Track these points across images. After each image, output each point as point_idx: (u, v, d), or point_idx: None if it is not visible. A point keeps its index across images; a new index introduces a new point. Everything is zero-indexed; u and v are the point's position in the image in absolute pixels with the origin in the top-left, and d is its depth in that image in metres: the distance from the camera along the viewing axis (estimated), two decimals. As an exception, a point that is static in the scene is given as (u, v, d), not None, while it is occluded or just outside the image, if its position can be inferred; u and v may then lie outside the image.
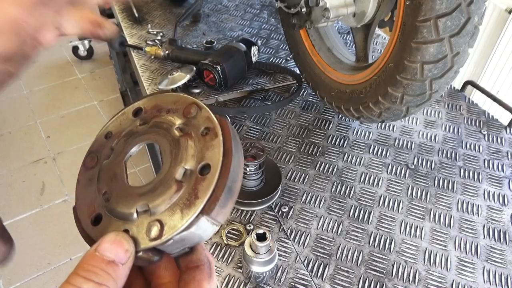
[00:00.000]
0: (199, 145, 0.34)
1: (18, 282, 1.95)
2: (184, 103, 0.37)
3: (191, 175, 0.32)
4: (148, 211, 0.32)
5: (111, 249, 0.29)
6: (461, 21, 0.67)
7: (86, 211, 0.34)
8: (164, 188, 0.32)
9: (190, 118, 0.35)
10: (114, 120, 0.39)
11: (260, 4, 1.57)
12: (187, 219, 0.30)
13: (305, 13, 0.92)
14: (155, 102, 0.38)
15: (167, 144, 0.34)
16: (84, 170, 0.37)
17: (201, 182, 0.32)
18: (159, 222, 0.31)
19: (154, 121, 0.36)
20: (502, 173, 0.93)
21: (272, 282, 0.72)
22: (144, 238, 0.31)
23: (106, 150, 0.37)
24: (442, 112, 1.10)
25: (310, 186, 0.89)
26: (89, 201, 0.35)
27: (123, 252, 0.29)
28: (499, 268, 0.75)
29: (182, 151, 0.33)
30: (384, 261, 0.76)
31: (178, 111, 0.36)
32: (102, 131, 0.39)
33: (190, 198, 0.31)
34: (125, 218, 0.32)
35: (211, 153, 0.33)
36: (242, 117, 1.06)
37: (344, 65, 1.01)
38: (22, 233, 2.15)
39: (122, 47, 1.27)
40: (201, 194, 0.31)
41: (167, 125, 0.35)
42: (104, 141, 0.38)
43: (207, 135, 0.34)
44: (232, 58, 1.10)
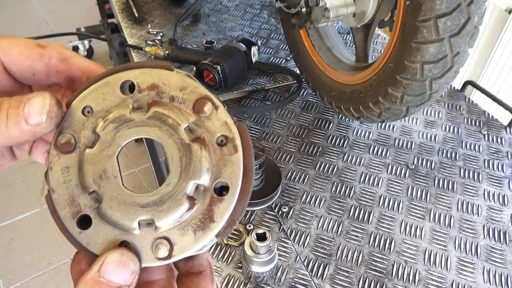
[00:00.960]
0: (215, 157, 0.29)
1: (18, 282, 1.95)
2: (193, 94, 0.30)
3: (205, 192, 0.29)
4: (153, 225, 0.29)
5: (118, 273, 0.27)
6: (461, 21, 0.67)
7: (67, 208, 0.29)
8: (173, 203, 0.29)
9: (203, 118, 0.30)
10: (94, 91, 0.31)
11: (260, 4, 1.57)
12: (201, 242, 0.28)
13: (305, 13, 0.92)
14: (152, 81, 0.31)
15: (175, 148, 0.29)
16: (57, 153, 0.30)
17: (217, 203, 0.29)
18: (167, 240, 0.28)
19: (154, 110, 0.30)
20: (502, 173, 0.93)
21: (272, 282, 0.72)
22: (150, 256, 0.29)
23: (87, 133, 0.30)
24: (442, 112, 1.10)
25: (310, 186, 0.89)
26: (69, 196, 0.29)
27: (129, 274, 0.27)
28: (499, 268, 0.75)
29: (195, 162, 0.29)
30: (384, 261, 0.76)
31: (186, 103, 0.30)
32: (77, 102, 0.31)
33: (205, 220, 0.29)
34: (123, 228, 0.29)
35: (229, 171, 0.29)
36: (242, 117, 1.06)
37: (344, 65, 1.01)
38: (22, 233, 2.15)
39: (122, 47, 1.27)
40: (217, 217, 0.28)
41: (174, 122, 0.30)
42: (82, 118, 0.30)
43: (224, 146, 0.30)
44: (232, 58, 1.10)
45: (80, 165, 0.30)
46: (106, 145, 0.30)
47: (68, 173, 0.30)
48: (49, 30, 3.71)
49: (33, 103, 0.27)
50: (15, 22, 3.81)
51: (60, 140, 0.30)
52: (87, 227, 0.29)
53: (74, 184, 0.30)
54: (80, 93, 0.31)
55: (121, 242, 0.29)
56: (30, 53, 0.31)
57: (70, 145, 0.30)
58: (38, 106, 0.27)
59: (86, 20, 3.59)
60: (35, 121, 0.27)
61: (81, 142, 0.30)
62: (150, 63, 0.31)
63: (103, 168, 0.29)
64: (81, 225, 0.29)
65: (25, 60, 0.31)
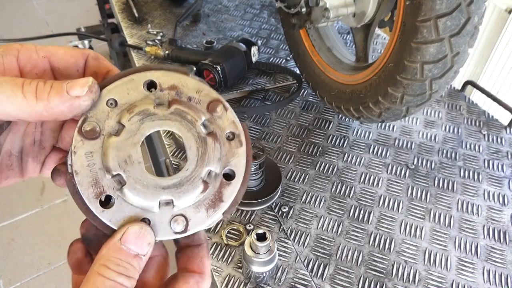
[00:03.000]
0: (224, 149, 0.35)
1: (18, 282, 1.95)
2: (207, 96, 0.36)
3: (216, 177, 0.35)
4: (171, 204, 0.33)
5: (136, 243, 0.31)
6: (461, 21, 0.67)
7: (90, 189, 0.32)
8: (191, 186, 0.33)
9: (216, 117, 0.36)
10: (119, 86, 0.34)
11: (260, 4, 1.57)
12: (212, 218, 0.34)
13: (305, 13, 0.92)
14: (172, 82, 0.35)
15: (192, 140, 0.34)
16: (81, 139, 0.33)
17: (226, 186, 0.35)
18: (184, 217, 0.33)
19: (176, 107, 0.34)
20: (502, 173, 0.93)
21: (272, 282, 0.72)
22: (167, 230, 0.33)
23: (112, 123, 0.33)
24: (442, 112, 1.10)
25: (310, 186, 0.89)
26: (93, 179, 0.32)
27: (146, 245, 0.31)
28: (499, 268, 0.75)
29: (210, 152, 0.34)
30: (384, 261, 0.76)
31: (202, 103, 0.35)
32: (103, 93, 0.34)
33: (215, 200, 0.34)
34: (144, 207, 0.33)
35: (236, 161, 0.35)
36: (242, 117, 1.06)
37: (344, 65, 1.01)
38: (22, 233, 2.15)
39: (122, 47, 1.27)
40: (225, 198, 0.34)
41: (192, 118, 0.35)
42: (106, 109, 0.34)
43: (232, 140, 0.36)
44: (232, 58, 1.10)
45: (105, 151, 0.33)
46: (131, 134, 0.33)
47: (92, 157, 0.33)
48: (49, 30, 3.71)
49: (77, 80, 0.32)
50: (15, 22, 3.80)
51: (85, 127, 0.33)
52: (110, 206, 0.33)
53: (98, 167, 0.33)
54: (105, 86, 0.34)
55: (142, 219, 0.33)
56: (74, 53, 0.36)
57: (94, 132, 0.33)
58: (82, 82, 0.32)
59: (86, 20, 3.59)
60: (76, 93, 0.31)
61: (105, 130, 0.33)
62: (170, 66, 0.36)
63: (128, 154, 0.33)
64: (103, 205, 0.33)
65: (70, 58, 0.36)
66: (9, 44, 0.34)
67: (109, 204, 0.33)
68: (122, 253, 0.30)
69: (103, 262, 0.30)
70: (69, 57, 0.36)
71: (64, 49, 0.36)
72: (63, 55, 0.36)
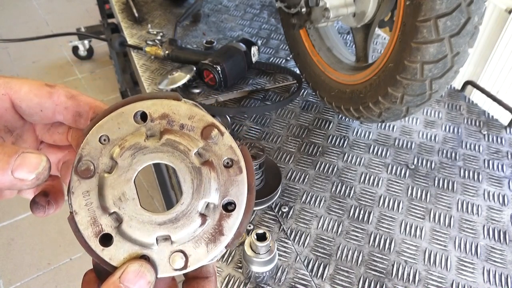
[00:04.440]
0: (222, 178, 0.33)
1: (18, 282, 1.95)
2: (201, 122, 0.33)
3: (215, 209, 0.33)
4: (169, 240, 0.32)
5: (135, 281, 0.30)
6: (461, 21, 0.67)
7: (90, 228, 0.32)
8: (187, 221, 0.32)
9: (211, 144, 0.33)
10: (109, 121, 0.33)
11: (260, 4, 1.57)
12: (213, 254, 0.32)
13: (305, 13, 0.92)
14: (163, 111, 0.33)
15: (186, 172, 0.33)
16: (77, 178, 0.33)
17: (226, 218, 0.33)
18: (183, 253, 0.32)
19: (167, 137, 0.33)
20: (502, 173, 0.93)
21: (272, 282, 0.72)
22: (167, 267, 0.32)
23: (105, 160, 0.33)
24: (442, 112, 1.10)
25: (310, 186, 0.89)
26: (91, 218, 0.32)
27: (145, 284, 0.30)
28: (499, 268, 0.75)
29: (205, 183, 0.32)
30: (384, 261, 0.76)
31: (195, 130, 0.33)
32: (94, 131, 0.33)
33: (215, 234, 0.33)
34: (142, 244, 0.32)
35: (235, 190, 0.33)
36: (242, 117, 1.06)
37: (344, 65, 1.01)
38: (22, 233, 2.16)
39: (122, 47, 1.27)
40: (226, 231, 0.33)
41: (185, 148, 0.33)
42: (99, 146, 0.33)
43: (230, 167, 0.33)
44: (232, 58, 1.10)
45: (100, 189, 0.32)
46: (123, 170, 0.33)
47: (88, 196, 0.32)
48: (49, 30, 3.71)
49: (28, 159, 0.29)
50: (15, 22, 3.80)
51: (80, 166, 0.32)
52: (109, 244, 0.32)
53: (95, 206, 0.32)
54: (96, 122, 0.33)
55: (141, 256, 0.32)
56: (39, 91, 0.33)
57: (89, 171, 0.32)
58: (32, 164, 0.29)
59: (86, 20, 3.59)
60: (22, 176, 0.28)
61: (99, 168, 0.33)
62: (160, 94, 0.34)
63: (122, 191, 0.32)
64: (103, 243, 0.32)
65: (34, 97, 0.33)
66: None
67: (109, 242, 0.32)
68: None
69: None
70: (33, 95, 0.33)
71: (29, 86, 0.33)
72: (26, 93, 0.33)
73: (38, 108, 0.34)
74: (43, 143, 0.40)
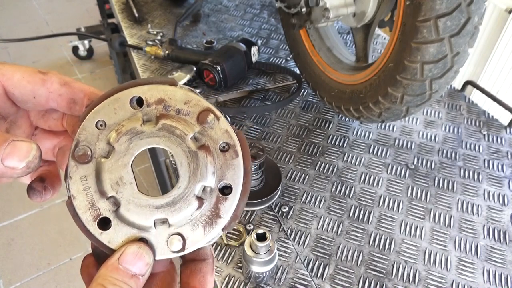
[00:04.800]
0: (219, 162, 0.33)
1: (18, 282, 1.95)
2: (197, 106, 0.34)
3: (212, 193, 0.33)
4: (167, 223, 0.33)
5: (134, 263, 0.30)
6: (461, 21, 0.67)
7: (88, 212, 0.33)
8: (184, 204, 0.32)
9: (207, 128, 0.33)
10: (106, 106, 0.33)
11: (260, 4, 1.57)
12: (211, 236, 0.33)
13: (305, 13, 0.92)
14: (159, 96, 0.34)
15: (183, 156, 0.33)
16: (75, 163, 0.33)
17: (223, 201, 0.33)
18: (180, 235, 0.33)
19: (163, 122, 0.33)
20: (502, 173, 0.93)
21: (272, 282, 0.72)
22: (165, 249, 0.33)
23: (102, 145, 0.33)
24: (442, 112, 1.10)
25: (310, 186, 0.89)
26: (89, 202, 0.33)
27: (144, 265, 0.31)
28: (499, 268, 0.75)
29: (202, 167, 0.33)
30: (384, 261, 0.76)
31: (191, 115, 0.34)
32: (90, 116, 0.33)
33: (212, 216, 0.33)
34: (140, 227, 0.33)
35: (231, 173, 0.33)
36: (242, 117, 1.06)
37: (344, 65, 1.01)
38: (22, 233, 2.16)
39: (122, 47, 1.27)
40: (223, 214, 0.33)
41: (181, 132, 0.33)
42: (96, 131, 0.33)
43: (226, 151, 0.33)
44: (232, 58, 1.10)
45: (97, 174, 0.33)
46: (120, 155, 0.33)
47: (86, 181, 0.33)
48: (49, 30, 3.71)
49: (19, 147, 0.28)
50: (15, 22, 3.81)
51: (77, 152, 0.33)
52: (107, 228, 0.33)
53: (93, 190, 0.33)
54: (92, 108, 0.33)
55: (140, 239, 0.33)
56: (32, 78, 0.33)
57: (86, 156, 0.33)
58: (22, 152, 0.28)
59: (86, 20, 3.59)
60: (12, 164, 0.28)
61: (96, 153, 0.33)
62: (156, 79, 0.34)
63: (119, 175, 0.33)
64: (101, 227, 0.33)
65: (27, 84, 0.33)
66: None
67: (107, 226, 0.33)
68: (119, 273, 0.30)
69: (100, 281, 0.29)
70: (26, 82, 0.33)
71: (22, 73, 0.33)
72: (19, 80, 0.33)
73: (31, 95, 0.34)
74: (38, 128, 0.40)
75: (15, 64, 0.34)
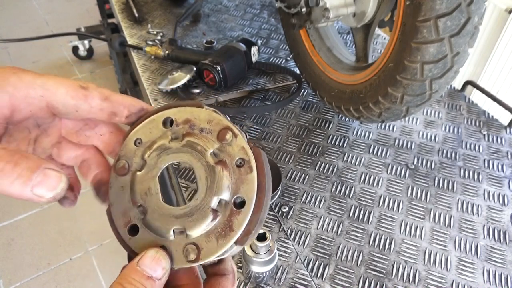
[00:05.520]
0: (234, 177, 0.35)
1: (18, 282, 1.95)
2: (218, 125, 0.37)
3: (226, 206, 0.34)
4: (184, 233, 0.34)
5: (151, 266, 0.32)
6: (461, 21, 0.67)
7: (121, 219, 0.36)
8: (200, 215, 0.34)
9: (225, 145, 0.36)
10: (143, 127, 0.39)
11: (260, 4, 1.57)
12: (223, 248, 0.34)
13: (305, 13, 0.92)
14: (186, 116, 0.38)
15: (202, 170, 0.35)
16: (115, 175, 0.38)
17: (236, 215, 0.34)
18: (196, 246, 0.34)
19: (187, 140, 0.36)
20: (502, 173, 0.93)
21: (272, 282, 0.72)
22: (181, 258, 0.34)
23: (137, 159, 0.37)
24: (442, 112, 1.10)
25: (310, 186, 0.89)
26: (123, 210, 0.36)
27: (160, 269, 0.32)
28: (499, 268, 0.75)
29: (218, 180, 0.35)
30: (384, 261, 0.76)
31: (212, 133, 0.37)
32: (131, 136, 0.39)
33: (225, 229, 0.34)
34: (162, 235, 0.35)
35: (245, 188, 0.35)
36: (242, 117, 1.06)
37: (344, 65, 1.01)
38: (22, 233, 2.15)
39: (122, 47, 1.27)
40: (235, 227, 0.34)
41: (202, 148, 0.36)
42: (134, 148, 0.38)
43: (242, 167, 0.35)
44: (232, 58, 1.10)
45: (132, 185, 0.37)
46: (150, 168, 0.37)
47: (122, 191, 0.37)
48: (49, 30, 3.71)
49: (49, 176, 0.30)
50: (15, 22, 3.80)
51: (118, 165, 0.38)
52: (135, 234, 0.36)
53: (127, 200, 0.37)
54: (133, 128, 0.39)
55: (161, 246, 0.35)
56: (75, 93, 0.35)
57: (125, 169, 0.38)
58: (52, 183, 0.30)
59: (86, 20, 3.59)
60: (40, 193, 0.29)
61: (133, 166, 0.38)
62: (186, 102, 0.39)
63: (148, 186, 0.36)
64: (131, 233, 0.36)
65: (70, 99, 0.35)
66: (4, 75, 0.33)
67: (136, 232, 0.36)
68: (137, 273, 0.32)
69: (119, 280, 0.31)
70: (69, 98, 0.35)
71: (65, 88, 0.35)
72: (63, 95, 0.35)
73: (74, 110, 0.36)
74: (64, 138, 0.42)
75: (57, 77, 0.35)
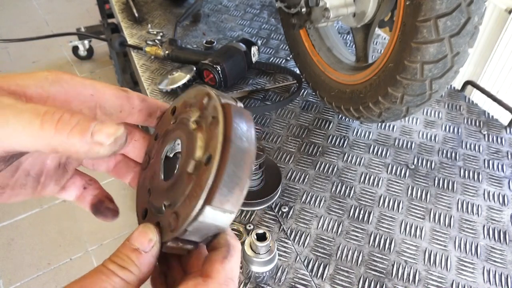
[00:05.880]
0: (207, 136, 0.33)
1: (18, 282, 1.95)
2: (200, 95, 0.37)
3: (199, 166, 0.33)
4: (171, 205, 0.34)
5: (137, 239, 0.33)
6: (461, 21, 0.67)
7: (140, 208, 0.39)
8: (180, 182, 0.34)
9: (203, 110, 0.35)
10: (160, 122, 0.41)
11: (260, 4, 1.57)
12: (194, 210, 0.31)
13: (305, 13, 0.92)
14: (184, 99, 0.39)
15: (184, 139, 0.36)
16: (141, 171, 0.41)
17: (205, 172, 0.32)
18: (176, 214, 0.33)
19: (178, 117, 0.38)
20: (502, 173, 0.93)
21: (272, 282, 0.72)
22: (167, 230, 0.34)
23: (154, 151, 0.40)
24: (442, 112, 1.10)
25: (310, 186, 0.89)
26: (142, 199, 0.39)
27: (146, 241, 0.33)
28: (499, 268, 0.75)
29: (194, 143, 0.34)
30: (384, 261, 0.76)
31: (197, 104, 0.37)
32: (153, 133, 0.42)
33: (196, 189, 0.32)
34: (159, 211, 0.35)
35: (213, 142, 0.32)
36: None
37: (344, 65, 1.01)
38: (22, 233, 2.15)
39: (122, 47, 1.27)
40: (203, 184, 0.31)
41: (186, 120, 0.36)
42: (154, 142, 0.41)
43: (212, 124, 0.33)
44: (232, 58, 1.10)
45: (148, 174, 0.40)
46: (157, 154, 0.39)
47: (144, 182, 0.40)
48: (49, 30, 3.71)
49: (107, 125, 0.30)
50: (15, 22, 3.80)
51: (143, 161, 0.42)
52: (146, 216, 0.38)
53: (145, 189, 0.39)
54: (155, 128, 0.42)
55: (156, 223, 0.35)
56: (120, 95, 0.38)
57: (146, 163, 0.41)
58: (111, 129, 0.30)
59: (86, 20, 3.59)
60: (101, 139, 0.29)
61: (151, 158, 0.41)
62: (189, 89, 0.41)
63: (154, 170, 0.39)
64: (143, 217, 0.38)
65: (116, 100, 0.38)
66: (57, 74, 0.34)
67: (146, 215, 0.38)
68: (124, 247, 0.33)
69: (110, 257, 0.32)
70: (115, 98, 0.37)
71: (111, 90, 0.37)
72: (110, 96, 0.37)
73: (118, 109, 0.38)
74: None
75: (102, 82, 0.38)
